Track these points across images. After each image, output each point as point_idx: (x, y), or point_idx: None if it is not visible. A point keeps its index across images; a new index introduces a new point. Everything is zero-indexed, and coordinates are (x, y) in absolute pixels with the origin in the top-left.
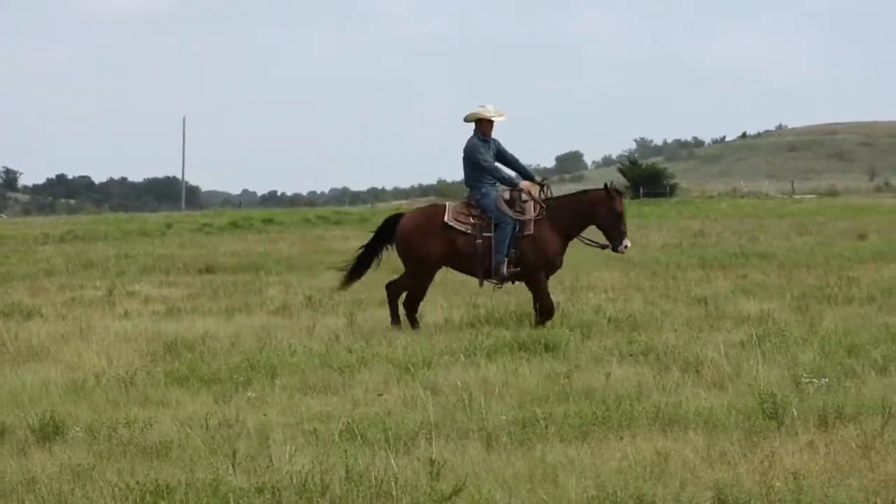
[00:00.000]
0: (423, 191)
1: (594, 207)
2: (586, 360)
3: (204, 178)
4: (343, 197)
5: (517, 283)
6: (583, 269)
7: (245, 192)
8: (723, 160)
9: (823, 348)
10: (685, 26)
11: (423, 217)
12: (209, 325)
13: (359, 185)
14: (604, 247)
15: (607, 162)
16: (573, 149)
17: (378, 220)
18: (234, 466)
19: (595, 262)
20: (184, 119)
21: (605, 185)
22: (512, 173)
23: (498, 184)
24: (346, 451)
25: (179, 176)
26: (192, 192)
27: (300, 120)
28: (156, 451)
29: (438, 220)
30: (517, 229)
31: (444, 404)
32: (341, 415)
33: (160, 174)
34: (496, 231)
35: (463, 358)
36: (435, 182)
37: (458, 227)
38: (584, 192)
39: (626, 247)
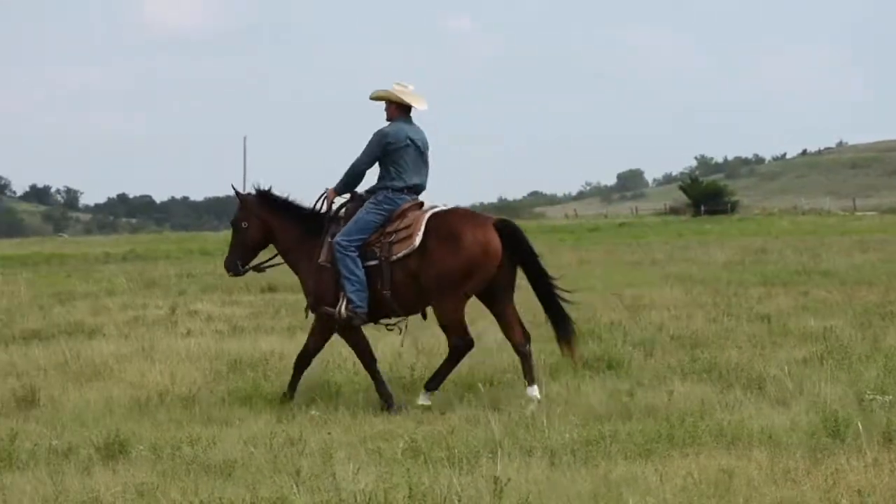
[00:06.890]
0: None
1: None
2: (649, 377)
3: None
4: None
5: None
6: (644, 288)
7: None
8: (783, 177)
9: (887, 365)
10: (719, 46)
11: None
12: (272, 344)
13: None
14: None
15: (668, 179)
16: (634, 167)
17: None
18: (297, 485)
19: (657, 281)
20: (244, 138)
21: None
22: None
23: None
24: (408, 469)
25: None
26: None
27: None
28: (219, 469)
29: None
30: None
31: (507, 422)
32: (404, 433)
33: (221, 193)
34: None
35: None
36: None
37: None
38: None
39: None
